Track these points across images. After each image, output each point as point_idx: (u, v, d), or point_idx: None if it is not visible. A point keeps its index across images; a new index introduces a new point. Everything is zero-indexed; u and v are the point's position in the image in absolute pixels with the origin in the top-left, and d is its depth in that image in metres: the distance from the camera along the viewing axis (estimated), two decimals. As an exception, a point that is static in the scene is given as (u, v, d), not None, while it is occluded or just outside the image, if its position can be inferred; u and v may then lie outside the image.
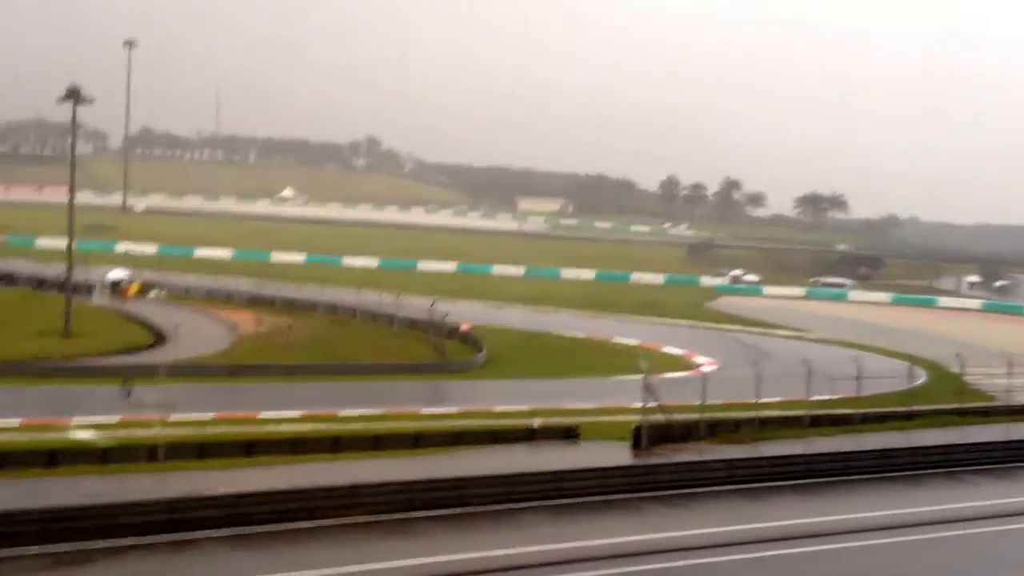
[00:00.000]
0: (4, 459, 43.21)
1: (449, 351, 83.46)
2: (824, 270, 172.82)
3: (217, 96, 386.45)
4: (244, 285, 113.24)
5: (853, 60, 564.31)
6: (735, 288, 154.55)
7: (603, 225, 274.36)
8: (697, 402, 55.38)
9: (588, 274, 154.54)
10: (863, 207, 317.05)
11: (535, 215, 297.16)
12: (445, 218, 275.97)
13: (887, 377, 69.02)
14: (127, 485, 41.28)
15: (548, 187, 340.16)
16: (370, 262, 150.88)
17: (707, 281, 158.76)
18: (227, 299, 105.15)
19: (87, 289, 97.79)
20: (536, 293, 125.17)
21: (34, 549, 32.89)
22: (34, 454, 44.38)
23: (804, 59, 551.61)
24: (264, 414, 57.31)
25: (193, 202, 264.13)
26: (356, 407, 60.15)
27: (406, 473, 42.79)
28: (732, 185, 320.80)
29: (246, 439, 49.56)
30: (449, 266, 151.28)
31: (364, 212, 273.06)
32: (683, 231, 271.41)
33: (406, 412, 60.11)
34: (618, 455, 49.88)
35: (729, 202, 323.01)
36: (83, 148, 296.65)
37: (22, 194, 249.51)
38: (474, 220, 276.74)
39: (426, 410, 61.66)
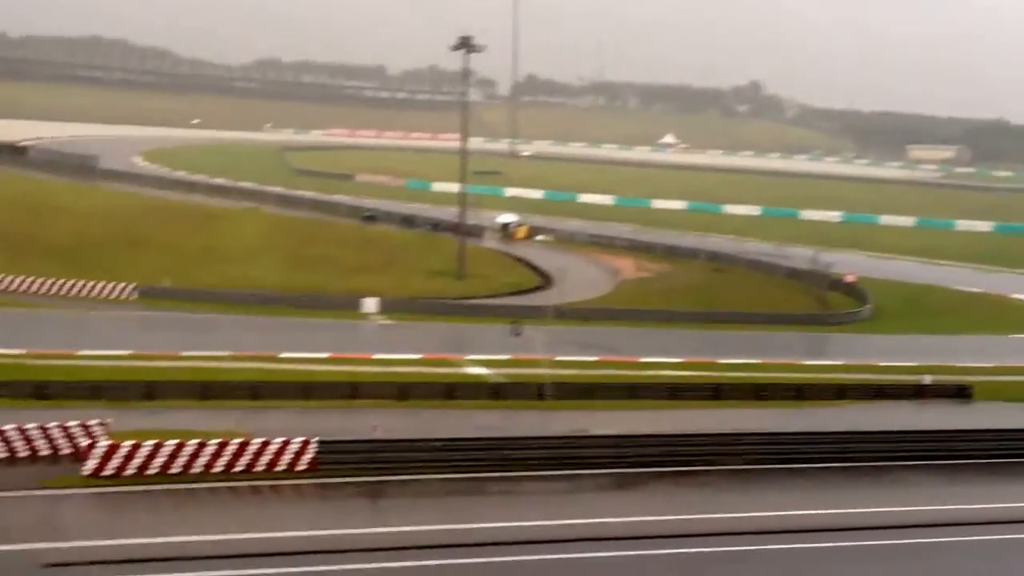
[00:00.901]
0: (408, 390, 46.53)
1: (832, 302, 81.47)
2: None
3: (599, 43, 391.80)
4: (625, 231, 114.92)
5: None
6: None
7: (1003, 174, 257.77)
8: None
9: (985, 226, 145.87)
10: None
11: (927, 163, 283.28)
12: (829, 166, 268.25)
13: None
14: (516, 421, 43.38)
15: (941, 133, 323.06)
16: (751, 210, 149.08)
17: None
18: (609, 244, 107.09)
19: (478, 232, 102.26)
20: (928, 245, 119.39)
21: (432, 476, 35.24)
22: (433, 387, 47.48)
23: None
24: (645, 359, 58.28)
25: (576, 148, 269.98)
26: (736, 356, 60.09)
27: (789, 424, 42.52)
28: None
29: (628, 382, 50.74)
30: (833, 215, 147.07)
31: (745, 159, 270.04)
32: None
33: (787, 363, 59.40)
34: (1017, 417, 47.23)
35: None
36: (473, 95, 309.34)
37: (419, 140, 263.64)
38: (860, 168, 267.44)
39: (808, 362, 60.64)
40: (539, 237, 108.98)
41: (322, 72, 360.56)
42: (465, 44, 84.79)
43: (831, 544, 30.88)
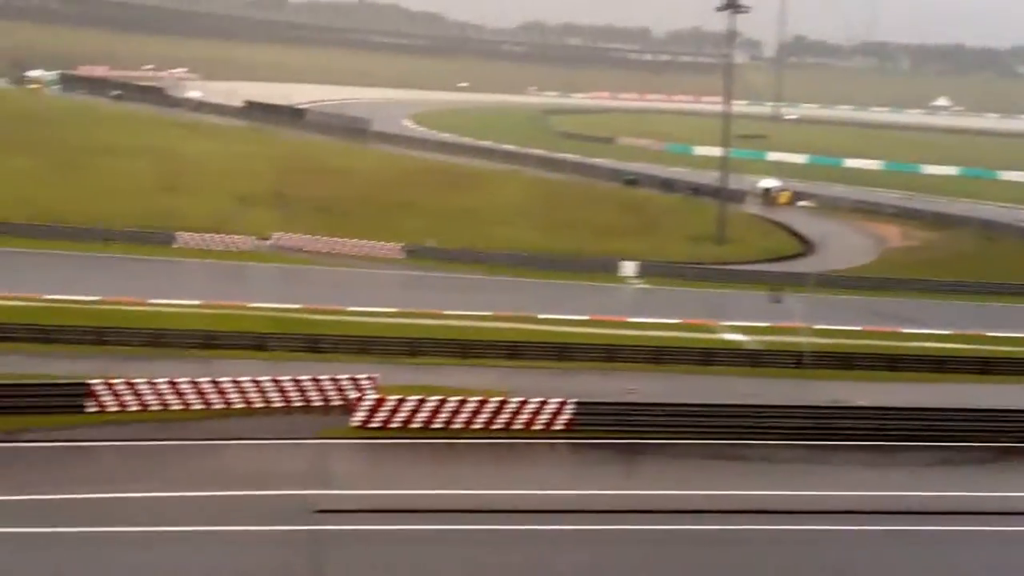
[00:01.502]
0: (664, 354, 46.77)
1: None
2: None
3: (871, 2, 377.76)
4: (892, 197, 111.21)
5: None
6: None
7: None
8: None
9: None
10: None
11: None
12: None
13: None
14: (773, 388, 42.96)
15: None
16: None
17: None
18: (874, 211, 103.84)
19: (740, 197, 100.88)
20: None
21: (687, 440, 35.33)
22: (689, 352, 47.54)
23: None
24: (908, 329, 56.60)
25: (843, 111, 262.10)
26: (1008, 329, 57.55)
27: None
28: None
29: (890, 353, 49.41)
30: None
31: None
32: None
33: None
34: None
35: None
36: (738, 57, 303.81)
37: (682, 103, 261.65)
38: None
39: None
40: (802, 203, 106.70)
41: (586, 35, 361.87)
42: (731, 4, 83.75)
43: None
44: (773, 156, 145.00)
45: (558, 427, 35.44)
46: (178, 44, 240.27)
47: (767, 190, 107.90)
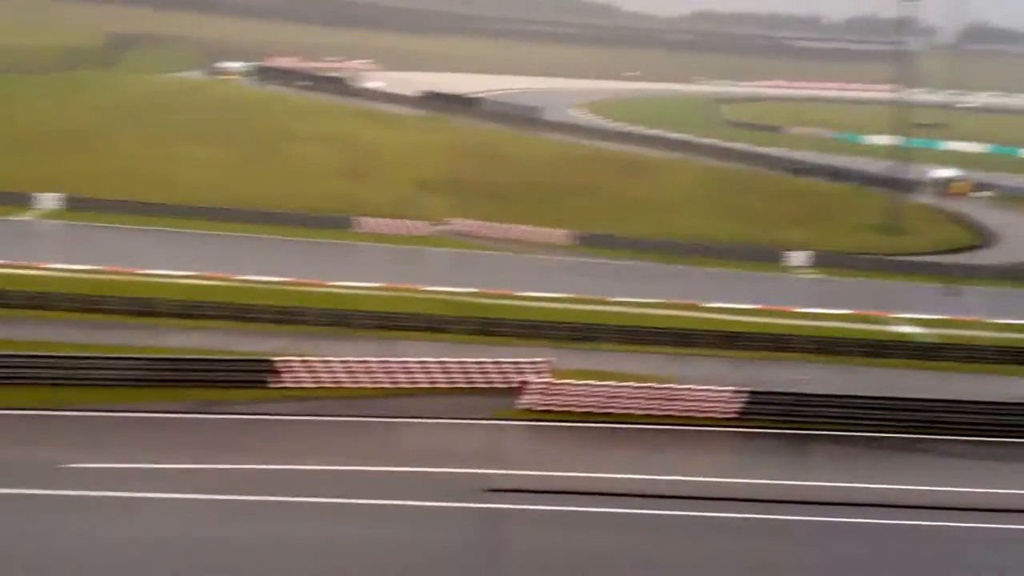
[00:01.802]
0: (834, 345, 46.50)
1: None
2: None
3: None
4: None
5: None
6: None
7: None
8: None
9: None
10: None
11: None
12: None
13: None
14: (948, 383, 42.21)
15: None
16: None
17: None
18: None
19: (913, 187, 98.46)
20: None
21: (859, 433, 35.22)
22: (860, 343, 47.14)
23: None
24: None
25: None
26: None
27: None
28: None
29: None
30: None
31: None
32: None
33: None
34: None
35: None
36: (913, 44, 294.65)
37: (853, 91, 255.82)
38: None
39: None
40: (979, 193, 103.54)
41: (757, 23, 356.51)
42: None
43: None
44: (949, 145, 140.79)
45: (727, 415, 35.70)
46: (359, 35, 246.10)
47: (942, 180, 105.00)
